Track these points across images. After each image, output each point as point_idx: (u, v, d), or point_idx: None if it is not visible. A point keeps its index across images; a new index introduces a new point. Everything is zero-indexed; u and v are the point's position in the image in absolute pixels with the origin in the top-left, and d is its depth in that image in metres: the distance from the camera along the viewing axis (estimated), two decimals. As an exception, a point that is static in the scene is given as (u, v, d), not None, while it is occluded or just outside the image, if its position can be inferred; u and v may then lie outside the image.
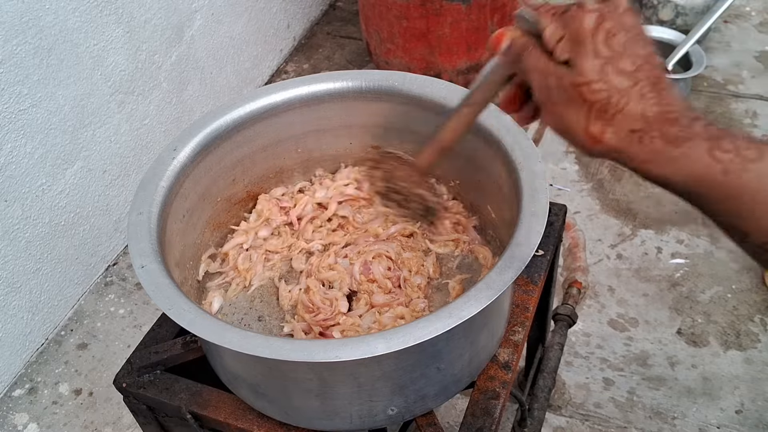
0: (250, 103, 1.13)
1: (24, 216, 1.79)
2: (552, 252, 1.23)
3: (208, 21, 2.34)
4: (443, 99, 1.11)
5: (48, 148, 1.81)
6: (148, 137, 2.17)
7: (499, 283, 0.84)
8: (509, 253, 0.88)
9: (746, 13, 2.93)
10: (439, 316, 0.82)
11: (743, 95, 2.55)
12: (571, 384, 1.77)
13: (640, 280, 1.99)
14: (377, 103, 1.16)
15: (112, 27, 1.93)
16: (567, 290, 1.79)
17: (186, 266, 1.08)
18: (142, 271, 0.89)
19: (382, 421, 0.97)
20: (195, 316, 0.85)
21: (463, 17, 2.25)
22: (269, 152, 1.21)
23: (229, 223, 1.22)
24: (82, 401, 1.84)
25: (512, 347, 1.07)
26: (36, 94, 1.74)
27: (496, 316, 1.00)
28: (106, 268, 2.14)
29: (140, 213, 0.97)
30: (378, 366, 0.88)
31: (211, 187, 1.14)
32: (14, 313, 1.84)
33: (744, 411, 1.69)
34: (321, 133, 1.22)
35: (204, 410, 1.02)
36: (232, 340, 0.82)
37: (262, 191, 1.26)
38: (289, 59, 2.92)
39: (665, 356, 1.81)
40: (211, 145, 1.10)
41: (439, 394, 0.98)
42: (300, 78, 1.16)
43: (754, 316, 1.87)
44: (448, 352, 0.92)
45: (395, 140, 1.22)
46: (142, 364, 1.07)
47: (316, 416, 0.96)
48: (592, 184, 2.27)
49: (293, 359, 0.80)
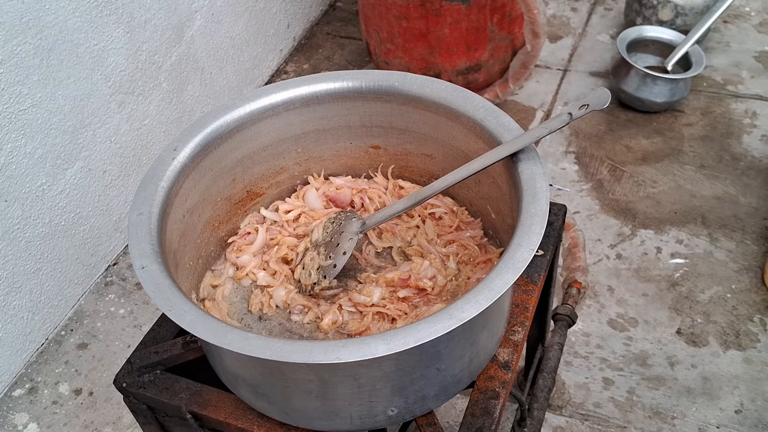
0: (250, 103, 1.13)
1: (24, 216, 1.79)
2: (552, 252, 1.24)
3: (208, 21, 2.34)
4: (443, 99, 1.11)
5: (48, 148, 1.81)
6: (148, 137, 2.17)
7: (499, 285, 0.85)
8: (509, 255, 0.88)
9: (746, 13, 2.93)
10: (440, 317, 0.82)
11: (743, 95, 2.55)
12: (570, 384, 1.77)
13: (640, 280, 1.99)
14: (377, 103, 1.16)
15: (112, 27, 1.93)
16: (567, 290, 1.79)
17: (186, 266, 1.08)
18: (143, 271, 0.89)
19: (382, 422, 0.97)
20: (195, 317, 0.85)
21: (463, 17, 2.25)
22: (269, 152, 1.21)
23: (229, 223, 1.22)
24: (82, 401, 1.84)
25: (512, 347, 1.07)
26: (36, 95, 1.74)
27: (496, 317, 1.00)
28: (106, 268, 2.14)
29: (140, 213, 0.97)
30: (378, 367, 0.88)
31: (211, 187, 1.14)
32: (14, 313, 1.84)
33: (743, 411, 1.69)
34: (321, 133, 1.22)
35: (204, 410, 1.02)
36: (232, 341, 0.82)
37: (262, 191, 1.26)
38: (289, 59, 2.92)
39: (665, 356, 1.81)
40: (211, 145, 1.10)
41: (439, 394, 0.98)
42: (300, 78, 1.16)
43: (754, 316, 1.88)
44: (448, 353, 0.92)
45: (395, 140, 1.22)
46: (142, 364, 1.07)
47: (316, 417, 0.96)
48: (592, 184, 2.27)
49: (294, 361, 0.80)
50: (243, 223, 1.24)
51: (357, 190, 1.27)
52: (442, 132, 1.15)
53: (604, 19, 2.97)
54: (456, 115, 1.10)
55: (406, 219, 1.24)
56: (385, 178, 1.28)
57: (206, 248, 1.17)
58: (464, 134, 1.11)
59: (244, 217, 1.25)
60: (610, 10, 3.00)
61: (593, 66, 2.74)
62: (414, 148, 1.22)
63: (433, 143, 1.18)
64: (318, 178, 1.29)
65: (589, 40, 2.87)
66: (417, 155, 1.23)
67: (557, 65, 2.76)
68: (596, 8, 3.03)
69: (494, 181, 1.09)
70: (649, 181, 2.26)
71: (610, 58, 2.74)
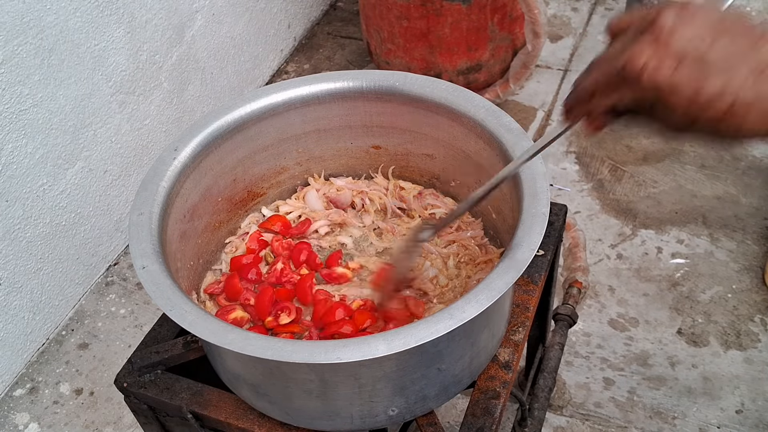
0: (250, 104, 1.13)
1: (25, 216, 1.80)
2: (552, 252, 1.23)
3: (208, 21, 2.34)
4: (443, 99, 1.11)
5: (49, 148, 1.81)
6: (149, 137, 2.17)
7: (500, 285, 0.85)
8: (510, 255, 0.88)
9: (746, 13, 2.92)
10: (440, 317, 0.82)
11: (744, 95, 2.54)
12: (571, 384, 1.77)
13: (641, 280, 1.99)
14: (378, 103, 1.16)
15: (113, 27, 1.93)
16: (567, 290, 1.79)
17: (187, 266, 1.08)
18: (144, 272, 0.89)
19: (383, 422, 0.97)
20: (196, 317, 0.85)
21: (464, 17, 2.25)
22: (270, 152, 1.21)
23: (230, 223, 1.22)
24: (83, 401, 1.84)
25: (513, 347, 1.07)
26: (37, 95, 1.74)
27: (496, 317, 1.00)
28: (107, 268, 2.15)
29: (141, 213, 0.97)
30: (379, 367, 0.88)
31: (211, 187, 1.14)
32: (15, 312, 1.84)
33: (744, 411, 1.69)
34: (322, 133, 1.22)
35: (205, 410, 1.02)
36: (233, 341, 0.82)
37: (263, 191, 1.26)
38: (289, 59, 2.92)
39: (665, 356, 1.81)
40: (211, 145, 1.10)
41: (440, 394, 0.98)
42: (300, 78, 1.16)
43: (755, 316, 1.87)
44: (449, 353, 0.92)
45: (396, 140, 1.22)
46: (143, 364, 1.07)
47: (317, 416, 0.96)
48: (593, 184, 2.27)
49: (295, 360, 0.80)
50: (243, 223, 1.25)
51: (357, 191, 1.27)
52: (443, 132, 1.15)
53: (605, 18, 2.97)
54: (457, 115, 1.10)
55: (407, 219, 1.24)
56: (386, 178, 1.28)
57: (207, 248, 1.17)
58: (465, 134, 1.11)
59: (245, 218, 1.25)
60: (611, 10, 3.00)
61: (594, 66, 2.73)
62: (415, 148, 1.22)
63: (434, 143, 1.18)
64: (318, 179, 1.29)
65: (590, 40, 2.87)
66: (418, 155, 1.23)
67: (558, 65, 2.76)
68: (597, 8, 3.03)
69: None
70: (650, 181, 2.26)
71: (610, 58, 2.74)
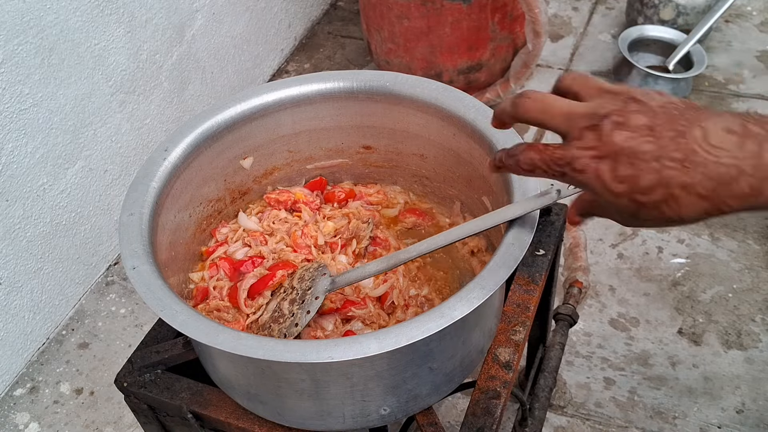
0: (241, 104, 1.13)
1: (25, 215, 1.80)
2: (553, 252, 1.23)
3: (209, 21, 2.34)
4: (434, 99, 1.11)
5: (49, 148, 1.82)
6: (149, 137, 2.17)
7: (491, 283, 0.84)
8: (501, 253, 0.88)
9: (747, 12, 2.91)
10: (431, 316, 0.82)
11: (744, 95, 2.54)
12: (572, 383, 1.77)
13: (641, 280, 1.98)
14: (369, 103, 1.16)
15: (113, 27, 1.93)
16: (568, 290, 1.78)
17: (178, 267, 1.08)
18: (134, 272, 0.89)
19: (375, 421, 0.97)
20: (187, 317, 0.85)
21: (464, 17, 2.25)
22: (260, 153, 1.20)
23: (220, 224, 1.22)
24: (84, 400, 1.85)
25: (513, 347, 1.07)
26: (37, 94, 1.74)
27: (488, 316, 1.00)
28: (107, 268, 2.15)
29: (131, 214, 0.97)
30: (371, 366, 0.88)
31: (202, 187, 1.13)
32: (15, 312, 1.85)
33: (745, 411, 1.68)
34: (312, 134, 1.22)
35: (205, 410, 1.02)
36: (224, 341, 0.82)
37: (253, 192, 1.26)
38: (290, 59, 2.92)
39: (666, 356, 1.80)
40: (202, 145, 1.09)
41: (432, 393, 0.98)
42: (291, 78, 1.16)
43: (756, 316, 1.87)
44: (440, 352, 0.92)
45: (387, 140, 1.22)
46: (143, 364, 1.07)
47: (308, 416, 0.96)
48: (594, 184, 2.27)
49: (286, 360, 0.80)
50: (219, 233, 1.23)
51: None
52: (434, 132, 1.14)
53: (606, 18, 2.96)
54: (447, 115, 1.09)
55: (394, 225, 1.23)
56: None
57: (197, 249, 1.17)
58: (456, 134, 1.10)
59: (234, 218, 1.25)
60: (612, 9, 2.99)
61: (595, 65, 2.73)
62: (406, 148, 1.22)
63: (425, 143, 1.18)
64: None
65: (590, 39, 2.86)
66: (409, 155, 1.23)
67: (559, 64, 2.75)
68: (598, 7, 3.02)
69: (485, 181, 1.09)
70: (651, 180, 2.25)
71: (611, 58, 2.73)
